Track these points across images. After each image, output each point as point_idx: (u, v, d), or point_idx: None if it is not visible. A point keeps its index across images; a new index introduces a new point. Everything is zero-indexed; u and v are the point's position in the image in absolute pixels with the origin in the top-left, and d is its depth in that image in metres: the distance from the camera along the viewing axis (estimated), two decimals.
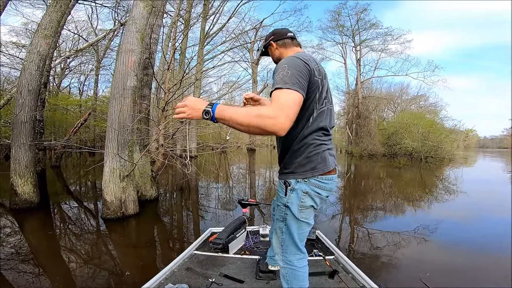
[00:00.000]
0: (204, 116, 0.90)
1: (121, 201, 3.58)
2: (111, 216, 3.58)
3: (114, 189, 3.53)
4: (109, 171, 3.52)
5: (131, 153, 3.75)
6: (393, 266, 2.65)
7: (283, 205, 1.15)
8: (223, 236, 2.11)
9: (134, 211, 3.77)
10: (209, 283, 1.68)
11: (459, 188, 7.35)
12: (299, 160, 1.10)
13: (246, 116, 0.86)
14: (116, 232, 3.37)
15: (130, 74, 3.86)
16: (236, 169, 11.61)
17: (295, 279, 1.25)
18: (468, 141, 20.37)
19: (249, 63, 22.85)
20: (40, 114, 5.51)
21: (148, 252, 2.86)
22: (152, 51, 5.53)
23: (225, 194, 6.31)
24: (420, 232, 3.61)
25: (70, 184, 6.99)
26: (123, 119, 3.56)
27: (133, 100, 3.79)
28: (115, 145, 3.47)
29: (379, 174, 10.78)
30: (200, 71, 11.69)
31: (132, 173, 3.78)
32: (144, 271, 2.36)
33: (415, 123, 18.28)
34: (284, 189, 1.13)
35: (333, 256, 2.07)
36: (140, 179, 4.48)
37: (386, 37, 21.71)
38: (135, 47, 3.99)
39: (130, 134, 3.67)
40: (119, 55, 4.08)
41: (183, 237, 3.43)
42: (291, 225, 1.16)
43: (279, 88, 0.92)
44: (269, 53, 1.31)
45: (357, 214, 4.74)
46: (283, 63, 1.01)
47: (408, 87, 28.61)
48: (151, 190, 4.69)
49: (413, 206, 5.38)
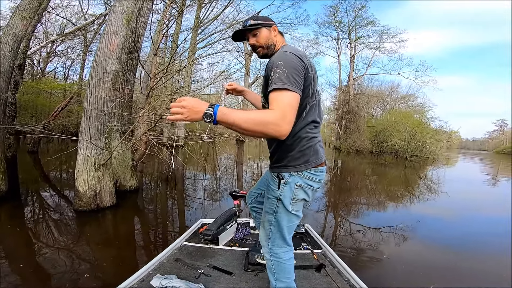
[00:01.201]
0: (204, 119, 0.85)
1: (95, 191, 3.38)
2: (84, 208, 3.37)
3: (88, 179, 3.32)
4: (83, 159, 3.29)
5: (109, 141, 3.53)
6: (376, 261, 2.68)
7: (275, 198, 1.15)
8: (213, 228, 2.10)
9: (110, 203, 3.58)
10: (198, 274, 1.69)
11: (440, 188, 7.56)
12: (292, 154, 1.10)
13: (249, 122, 0.86)
14: (89, 226, 3.15)
15: (112, 57, 3.60)
16: (224, 160, 11.48)
17: (282, 271, 1.26)
18: (451, 142, 20.93)
19: (242, 53, 22.42)
20: (13, 97, 5.15)
21: (124, 248, 2.69)
22: (139, 35, 5.22)
23: (212, 185, 6.21)
24: (401, 228, 3.70)
25: (47, 171, 6.64)
26: (101, 104, 3.32)
27: (114, 84, 3.54)
28: (90, 132, 3.24)
29: (365, 171, 10.94)
30: (191, 58, 11.32)
31: (110, 162, 3.57)
32: (118, 270, 2.20)
33: (403, 122, 18.62)
34: (277, 182, 1.12)
35: (320, 250, 2.09)
36: (119, 168, 4.27)
37: (382, 35, 21.82)
38: (120, 30, 3.74)
39: (108, 120, 3.44)
40: (102, 38, 3.81)
41: (165, 231, 3.28)
42: (282, 218, 1.17)
43: (278, 89, 0.92)
44: (249, 36, 1.19)
45: (342, 209, 4.79)
46: (278, 60, 0.99)
47: (398, 86, 29.08)
48: (131, 180, 4.49)
49: (395, 204, 5.46)
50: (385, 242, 3.22)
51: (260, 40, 1.16)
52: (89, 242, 2.74)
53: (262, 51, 1.19)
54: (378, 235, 3.46)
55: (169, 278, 1.57)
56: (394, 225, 3.82)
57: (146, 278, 1.62)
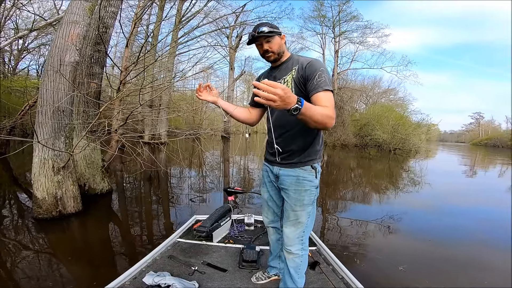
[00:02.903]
0: (292, 112, 0.88)
1: (56, 197, 3.02)
2: (45, 216, 3.01)
3: (46, 184, 2.95)
4: (39, 162, 2.92)
5: (70, 140, 3.16)
6: (363, 255, 2.66)
7: (315, 188, 1.30)
8: (208, 224, 2.07)
9: (75, 209, 3.23)
10: (192, 271, 1.68)
11: (424, 179, 7.72)
12: (318, 148, 1.31)
13: (322, 115, 0.99)
14: (53, 235, 2.81)
15: (70, 48, 3.22)
16: (210, 156, 11.18)
17: (305, 264, 1.38)
18: (430, 134, 21.62)
19: (227, 49, 21.93)
20: None
21: (91, 259, 2.39)
22: (108, 26, 4.79)
23: (198, 183, 5.99)
24: (387, 220, 3.78)
25: (17, 174, 6.10)
26: (58, 100, 2.95)
27: (73, 78, 3.17)
28: (44, 131, 2.87)
29: (350, 164, 10.98)
30: (172, 52, 10.80)
31: (72, 164, 3.21)
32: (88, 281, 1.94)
33: (386, 115, 18.93)
34: (314, 172, 1.28)
35: (315, 248, 2.09)
36: (87, 170, 3.90)
37: (365, 30, 21.90)
38: (81, 19, 3.36)
39: (68, 117, 3.07)
40: (59, 27, 3.42)
41: (142, 237, 2.97)
42: (315, 204, 1.34)
43: (329, 90, 1.12)
44: (263, 42, 1.24)
45: (329, 203, 4.78)
46: (320, 66, 1.17)
47: (380, 80, 29.63)
48: (102, 183, 4.13)
49: (380, 196, 5.46)
50: (377, 234, 3.25)
51: (273, 47, 1.25)
52: (53, 253, 2.44)
53: (273, 56, 1.28)
54: (366, 227, 3.50)
55: (162, 275, 1.54)
56: (381, 218, 3.87)
57: (138, 276, 1.60)
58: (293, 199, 1.28)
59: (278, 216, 1.50)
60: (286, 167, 1.29)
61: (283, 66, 1.29)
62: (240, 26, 20.12)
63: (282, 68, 1.30)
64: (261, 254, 1.91)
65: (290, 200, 1.29)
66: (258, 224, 2.55)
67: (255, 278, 1.65)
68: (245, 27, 20.50)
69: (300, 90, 1.20)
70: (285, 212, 1.34)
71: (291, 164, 1.28)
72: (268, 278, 1.65)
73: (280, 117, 1.28)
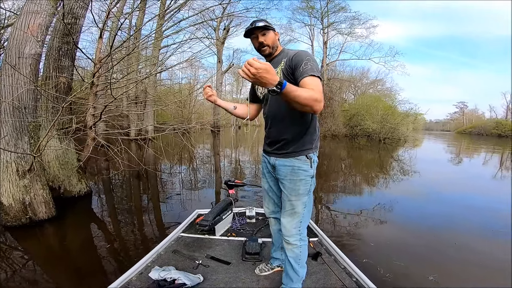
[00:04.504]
0: (276, 87, 0.92)
1: (24, 203, 2.76)
2: (14, 223, 2.76)
3: (12, 189, 2.69)
4: (1, 165, 2.65)
5: (35, 140, 2.89)
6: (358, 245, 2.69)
7: (310, 177, 1.32)
8: (210, 218, 2.07)
9: (48, 215, 2.98)
10: (196, 265, 1.71)
11: (413, 168, 7.79)
12: (313, 138, 1.33)
13: (307, 98, 1.01)
14: (24, 243, 2.59)
15: (30, 40, 2.91)
16: (201, 151, 10.94)
17: (304, 254, 1.39)
18: (417, 123, 22.00)
19: (214, 41, 21.34)
20: None
21: (68, 266, 2.22)
22: (78, 16, 4.43)
23: (190, 178, 5.85)
24: (380, 210, 3.84)
25: None
26: (18, 96, 2.66)
27: (35, 71, 2.87)
28: (7, 130, 2.59)
29: (341, 155, 10.99)
30: (157, 45, 10.35)
31: (41, 165, 2.95)
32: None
33: (375, 105, 19.04)
34: (309, 162, 1.30)
35: (316, 238, 2.10)
36: (60, 171, 3.62)
37: (354, 21, 21.74)
38: (43, 8, 3.05)
39: (31, 115, 2.79)
40: (18, 18, 3.09)
41: (129, 240, 2.76)
42: (311, 195, 1.35)
43: (316, 76, 1.12)
44: (259, 35, 1.30)
45: (324, 194, 4.78)
46: (306, 55, 1.20)
47: (368, 71, 29.68)
48: (79, 184, 3.86)
49: (372, 186, 5.44)
50: (365, 225, 3.26)
51: (268, 40, 1.30)
52: (24, 264, 2.25)
53: (268, 50, 1.32)
54: (358, 218, 3.50)
55: (167, 269, 1.56)
56: (372, 207, 3.91)
57: (144, 271, 1.62)
58: (289, 189, 1.32)
59: (279, 206, 1.51)
60: (282, 157, 1.33)
61: (275, 60, 1.35)
62: (227, 18, 19.56)
63: (274, 61, 1.35)
64: (264, 246, 1.95)
65: (286, 190, 1.33)
66: (260, 217, 2.58)
67: (259, 270, 1.68)
68: (232, 19, 20.00)
69: (289, 80, 1.21)
70: (283, 202, 1.38)
71: (286, 154, 1.31)
72: (271, 270, 1.69)
73: (272, 106, 1.33)
